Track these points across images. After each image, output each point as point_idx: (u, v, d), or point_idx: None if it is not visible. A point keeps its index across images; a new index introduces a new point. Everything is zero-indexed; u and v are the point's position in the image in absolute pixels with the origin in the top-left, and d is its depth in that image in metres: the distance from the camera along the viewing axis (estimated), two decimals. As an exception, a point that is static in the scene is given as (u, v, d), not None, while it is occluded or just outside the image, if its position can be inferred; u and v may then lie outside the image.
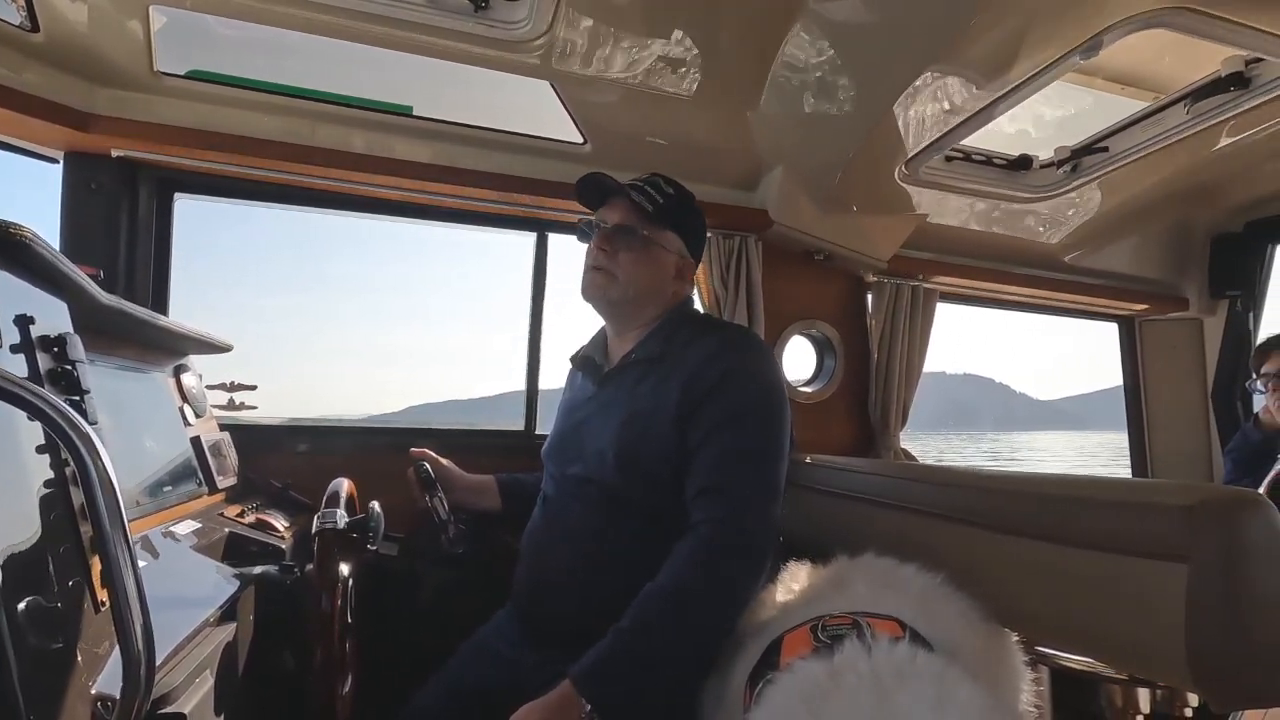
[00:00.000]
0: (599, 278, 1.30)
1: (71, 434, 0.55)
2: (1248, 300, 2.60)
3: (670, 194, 1.32)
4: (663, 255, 1.32)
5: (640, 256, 1.30)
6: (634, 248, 1.30)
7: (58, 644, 0.58)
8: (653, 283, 1.32)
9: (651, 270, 1.31)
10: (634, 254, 1.30)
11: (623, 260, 1.29)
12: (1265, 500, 0.76)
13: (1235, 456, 2.21)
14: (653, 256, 1.31)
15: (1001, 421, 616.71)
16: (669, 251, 1.33)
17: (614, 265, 1.29)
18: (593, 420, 1.27)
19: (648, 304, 1.32)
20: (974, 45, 1.41)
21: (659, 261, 1.32)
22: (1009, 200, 2.18)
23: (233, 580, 1.04)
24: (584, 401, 1.34)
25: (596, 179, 1.33)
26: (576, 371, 1.44)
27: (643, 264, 1.30)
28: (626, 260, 1.29)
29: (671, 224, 1.33)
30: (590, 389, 1.34)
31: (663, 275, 1.33)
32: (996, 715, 0.69)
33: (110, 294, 0.95)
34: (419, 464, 1.47)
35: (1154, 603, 0.79)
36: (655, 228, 1.31)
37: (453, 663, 1.29)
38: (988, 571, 1.04)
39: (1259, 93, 1.60)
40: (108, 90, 1.57)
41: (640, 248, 1.30)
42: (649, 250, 1.31)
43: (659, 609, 1.03)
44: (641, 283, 1.30)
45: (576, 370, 1.43)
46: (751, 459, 1.14)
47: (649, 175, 1.36)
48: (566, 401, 1.43)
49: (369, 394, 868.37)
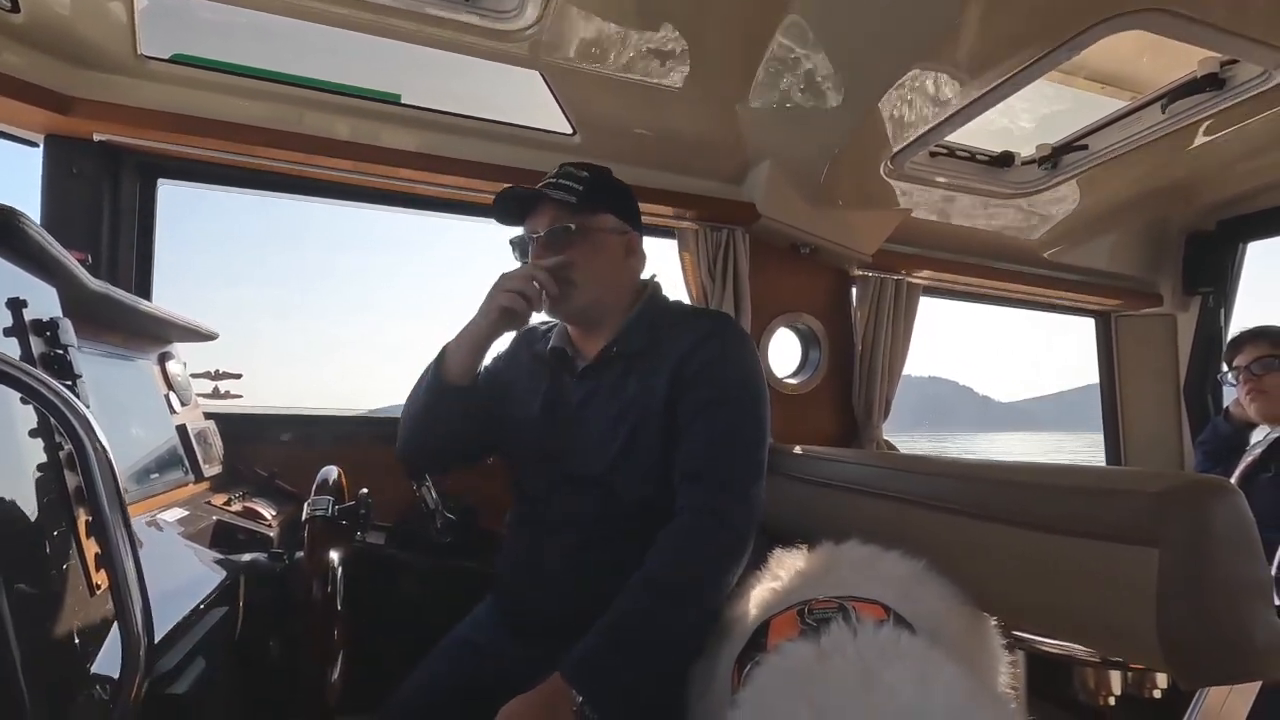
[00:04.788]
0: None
1: (70, 417, 0.55)
2: (1219, 297, 2.66)
3: (585, 175, 1.23)
4: (607, 239, 1.24)
5: (586, 251, 1.22)
6: (575, 244, 1.21)
7: (55, 627, 0.58)
8: (608, 271, 1.24)
9: (602, 260, 1.23)
10: (579, 250, 1.21)
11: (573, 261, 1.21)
12: (1232, 487, 0.80)
13: (1206, 448, 2.27)
14: (598, 245, 1.23)
15: (968, 423, 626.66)
16: (610, 232, 1.25)
17: (566, 270, 1.21)
18: (580, 415, 1.24)
19: (611, 294, 1.26)
20: (959, 43, 1.44)
21: (606, 247, 1.24)
22: (991, 196, 2.22)
23: (222, 567, 1.04)
24: (564, 396, 1.27)
25: (511, 193, 1.23)
26: (526, 361, 1.35)
27: (591, 258, 1.22)
28: (577, 260, 1.21)
29: (601, 204, 1.24)
30: (567, 383, 1.28)
31: (615, 259, 1.26)
32: (979, 694, 0.72)
33: (97, 279, 0.94)
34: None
35: (1126, 586, 0.82)
36: (586, 215, 1.22)
37: (436, 655, 1.27)
38: (968, 557, 1.07)
39: (1232, 94, 1.64)
40: (90, 73, 1.54)
41: (582, 242, 1.21)
42: (590, 240, 1.22)
43: (647, 598, 1.04)
44: (599, 277, 1.23)
45: (544, 364, 1.32)
46: (733, 445, 1.14)
47: (557, 168, 1.26)
48: (541, 399, 1.29)
49: (356, 388, 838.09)
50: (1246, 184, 2.30)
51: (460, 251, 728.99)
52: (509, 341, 1.41)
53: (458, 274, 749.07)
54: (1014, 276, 2.63)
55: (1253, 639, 0.76)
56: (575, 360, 1.29)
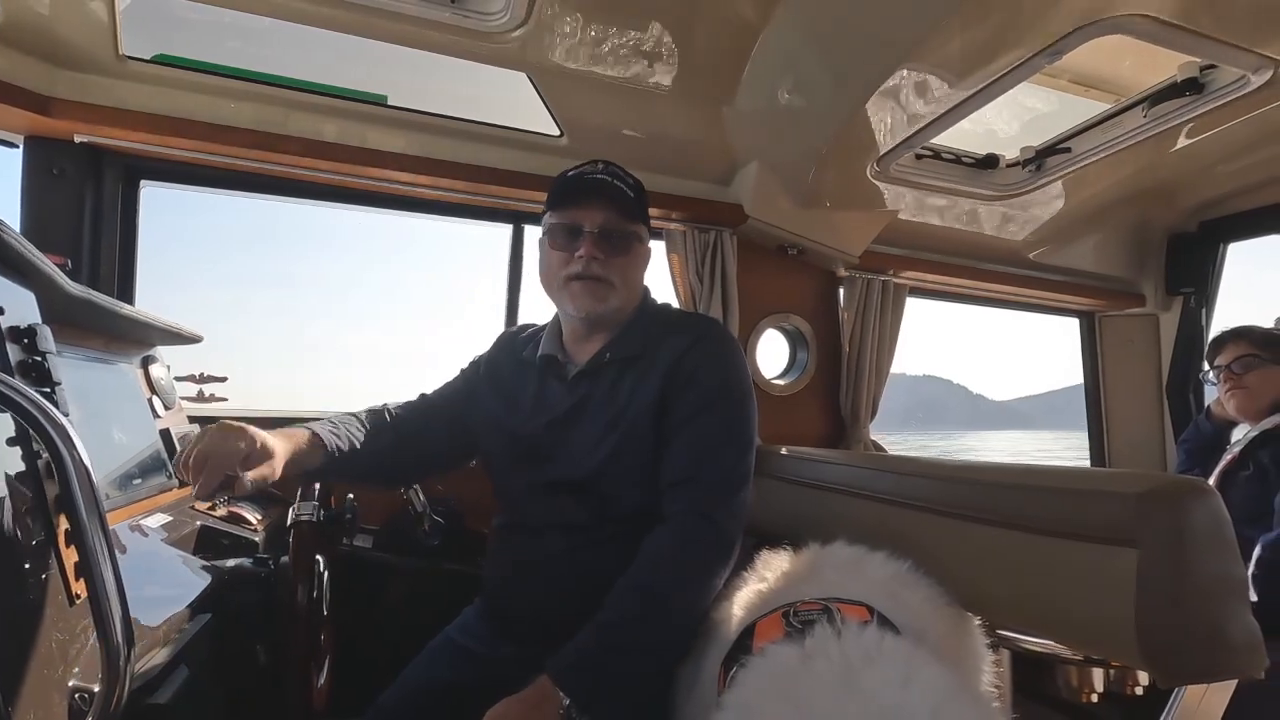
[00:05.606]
0: (597, 289, 1.18)
1: (47, 426, 0.54)
2: (1200, 297, 2.69)
3: (633, 183, 1.24)
4: (643, 251, 1.26)
5: (630, 259, 1.21)
6: (625, 250, 1.20)
7: (34, 638, 0.58)
8: (637, 280, 1.26)
9: (638, 270, 1.25)
10: (626, 258, 1.20)
11: (616, 266, 1.19)
12: (1210, 488, 0.81)
13: (1188, 447, 2.30)
14: (638, 255, 1.24)
15: (960, 422, 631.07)
16: (644, 243, 1.26)
17: (609, 272, 1.18)
18: (572, 421, 1.22)
19: (631, 302, 1.26)
20: (945, 46, 1.45)
21: (642, 258, 1.25)
22: (977, 198, 2.24)
23: (206, 573, 1.04)
24: (554, 402, 1.25)
25: (594, 182, 1.20)
26: (509, 365, 1.34)
27: (632, 266, 1.22)
28: (620, 266, 1.19)
29: (642, 214, 1.24)
30: (556, 389, 1.26)
31: (641, 269, 1.27)
32: (961, 694, 0.72)
33: (77, 283, 0.93)
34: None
35: (1106, 585, 0.83)
36: (635, 222, 1.22)
37: (423, 658, 1.26)
38: (953, 558, 1.08)
39: (1212, 98, 1.67)
40: (70, 73, 1.52)
41: (630, 249, 1.21)
42: (635, 249, 1.23)
43: (635, 601, 1.04)
44: (632, 287, 1.24)
45: (531, 368, 1.30)
46: (721, 449, 1.15)
47: (605, 165, 1.23)
48: (527, 404, 1.27)
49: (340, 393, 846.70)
50: (1227, 186, 2.33)
51: (443, 252, 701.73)
52: (489, 346, 1.42)
53: (449, 274, 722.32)
54: (999, 277, 2.65)
55: (1229, 637, 0.78)
56: (566, 366, 1.28)
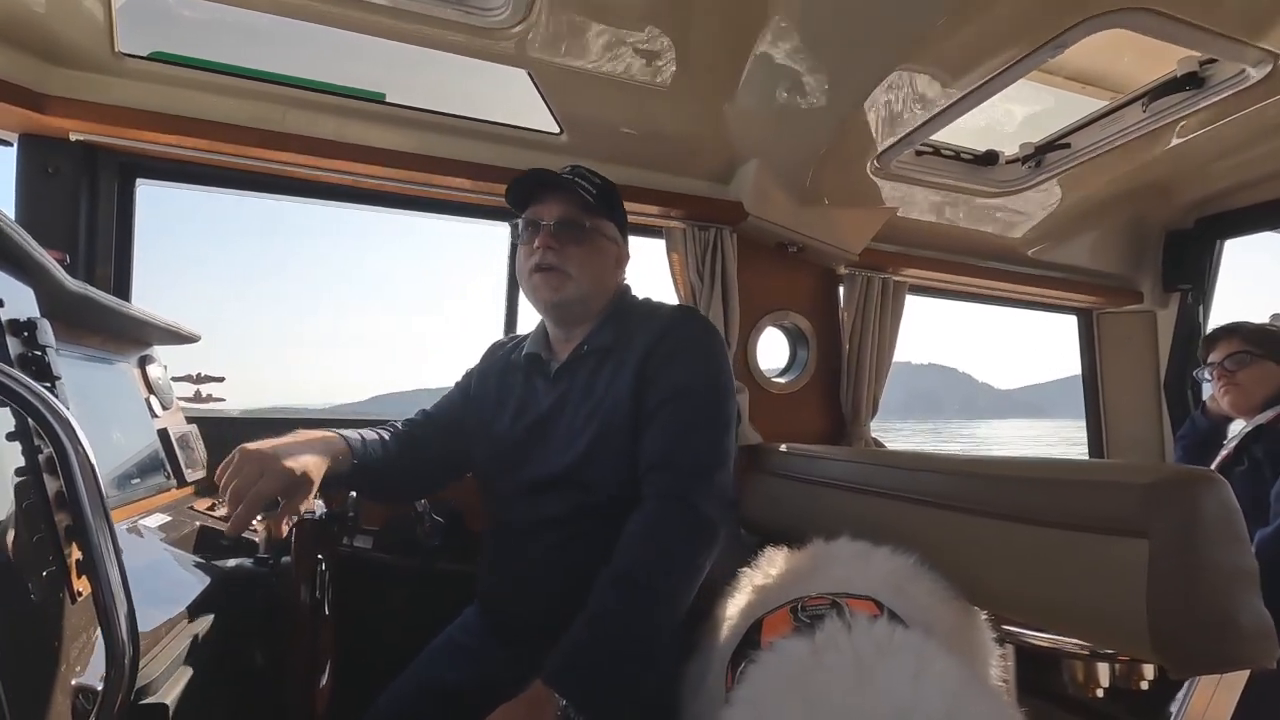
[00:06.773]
0: (552, 278, 1.22)
1: (50, 419, 0.53)
2: (1198, 293, 2.70)
3: (599, 182, 1.27)
4: (606, 245, 1.28)
5: (588, 250, 1.24)
6: (582, 241, 1.23)
7: (37, 636, 0.57)
8: (601, 275, 1.27)
9: (599, 263, 1.26)
10: (583, 248, 1.24)
11: (572, 256, 1.22)
12: (1219, 477, 0.81)
13: (1185, 443, 2.30)
14: (599, 248, 1.27)
15: (963, 410, 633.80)
16: (610, 240, 1.29)
17: (564, 262, 1.22)
18: (553, 417, 1.24)
19: (596, 298, 1.28)
20: (944, 43, 1.45)
21: (604, 252, 1.28)
22: (976, 195, 2.24)
23: (207, 573, 1.03)
24: (538, 400, 1.28)
25: (538, 176, 1.24)
26: (497, 372, 1.37)
27: (591, 257, 1.25)
28: (576, 255, 1.23)
29: (607, 212, 1.28)
30: (540, 387, 1.29)
31: (607, 265, 1.29)
32: (972, 686, 0.72)
33: (75, 280, 0.92)
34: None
35: (1116, 576, 0.83)
36: (596, 217, 1.26)
37: (422, 660, 1.27)
38: (958, 552, 1.08)
39: (1212, 92, 1.67)
40: (65, 70, 1.51)
41: (587, 240, 1.24)
42: (595, 242, 1.26)
43: (619, 592, 1.02)
44: (592, 277, 1.25)
45: (517, 369, 1.34)
46: (694, 432, 1.13)
47: (570, 166, 1.29)
48: (512, 406, 1.30)
49: (335, 384, 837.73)
50: (1224, 182, 2.34)
51: (440, 249, 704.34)
52: (480, 357, 1.45)
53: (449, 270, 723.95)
54: (998, 274, 2.65)
55: (1240, 626, 0.78)
56: (549, 364, 1.30)
